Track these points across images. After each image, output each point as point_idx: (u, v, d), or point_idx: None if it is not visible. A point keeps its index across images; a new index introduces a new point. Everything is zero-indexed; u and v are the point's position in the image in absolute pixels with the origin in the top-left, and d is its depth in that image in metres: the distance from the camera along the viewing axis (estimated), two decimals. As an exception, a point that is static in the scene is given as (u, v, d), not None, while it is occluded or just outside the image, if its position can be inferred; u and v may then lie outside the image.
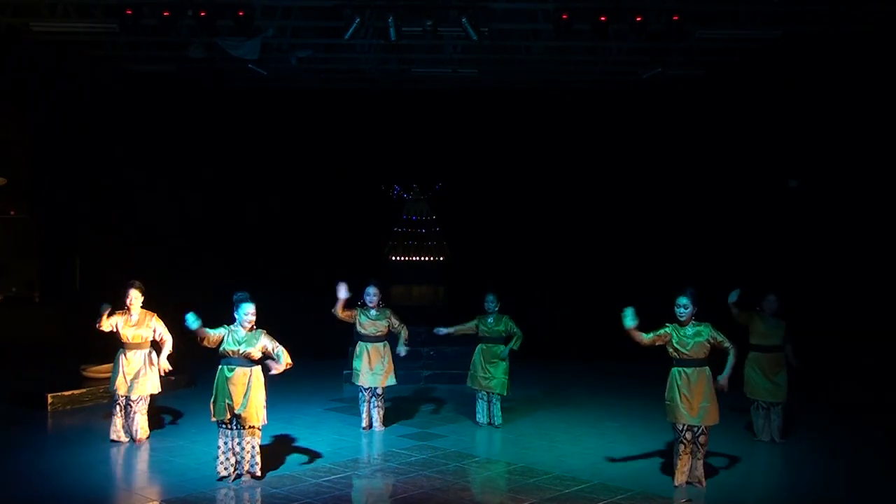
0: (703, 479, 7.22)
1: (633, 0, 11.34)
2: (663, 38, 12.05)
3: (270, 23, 12.31)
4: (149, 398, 8.86)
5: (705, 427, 7.16)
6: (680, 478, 7.19)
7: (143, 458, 8.34)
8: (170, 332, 8.87)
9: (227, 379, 7.28)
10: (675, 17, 11.45)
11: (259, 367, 7.40)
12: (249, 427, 7.32)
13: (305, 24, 12.63)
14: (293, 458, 8.12)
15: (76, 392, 10.64)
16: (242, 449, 7.35)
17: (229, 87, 15.71)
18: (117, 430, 8.77)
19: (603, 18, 11.33)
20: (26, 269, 15.20)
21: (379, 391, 9.40)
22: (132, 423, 8.77)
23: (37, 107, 14.45)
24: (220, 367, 7.36)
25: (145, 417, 8.86)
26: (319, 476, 7.56)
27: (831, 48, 12.74)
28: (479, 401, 9.62)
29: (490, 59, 13.95)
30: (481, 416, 9.61)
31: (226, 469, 7.34)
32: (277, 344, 7.39)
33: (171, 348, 8.83)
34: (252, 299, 7.39)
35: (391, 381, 9.43)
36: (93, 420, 9.84)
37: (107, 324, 8.66)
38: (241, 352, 7.28)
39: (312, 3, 11.93)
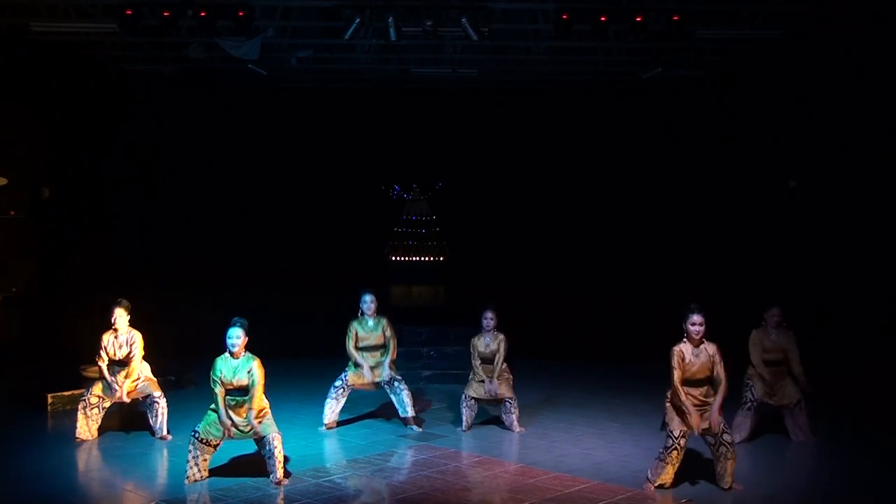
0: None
1: (633, 0, 11.35)
2: (663, 38, 12.06)
3: (270, 23, 12.32)
4: (160, 397, 8.97)
5: (724, 425, 7.13)
6: (658, 480, 7.18)
7: (142, 459, 8.34)
8: (147, 361, 8.98)
9: (230, 407, 7.31)
10: (675, 17, 11.46)
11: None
12: (271, 436, 7.30)
13: (305, 24, 12.63)
14: (293, 458, 8.12)
15: (76, 392, 10.60)
16: (272, 457, 7.27)
17: (229, 87, 15.71)
18: (81, 429, 8.83)
19: (603, 18, 11.34)
20: (26, 269, 15.18)
21: (398, 376, 9.34)
22: (157, 422, 8.89)
23: (37, 107, 14.45)
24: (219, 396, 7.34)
25: (166, 415, 8.97)
26: (319, 476, 7.56)
27: (831, 48, 12.74)
28: (463, 408, 9.45)
29: (490, 59, 13.96)
30: (465, 424, 9.41)
31: (193, 476, 7.33)
32: (260, 376, 7.28)
33: (136, 374, 8.84)
34: (241, 324, 7.34)
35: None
36: (93, 420, 9.83)
37: (105, 360, 8.79)
38: (234, 383, 7.28)
39: (312, 3, 11.94)
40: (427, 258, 20.31)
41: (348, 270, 15.71)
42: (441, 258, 19.74)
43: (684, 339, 7.16)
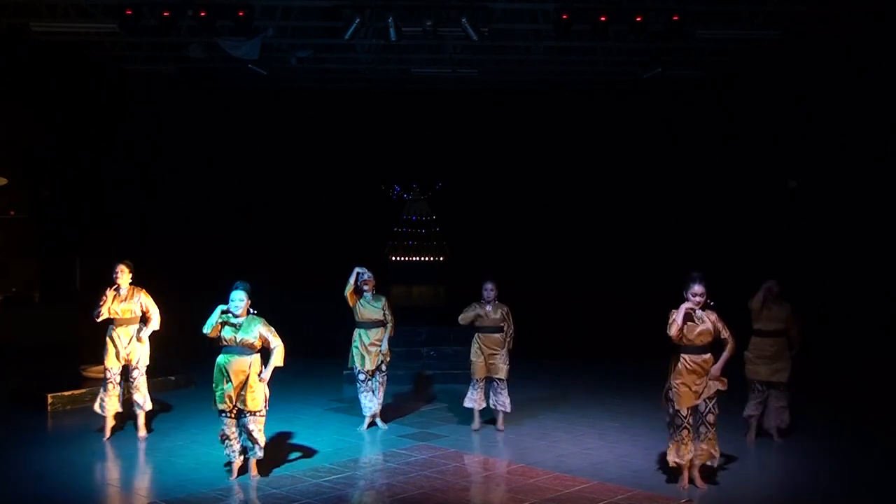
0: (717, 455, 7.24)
1: (633, 0, 11.34)
2: (663, 38, 12.06)
3: (270, 23, 12.31)
4: (145, 370, 9.02)
5: (713, 405, 7.15)
6: (683, 458, 7.20)
7: (142, 458, 8.35)
8: (159, 312, 9.07)
9: (226, 367, 7.31)
10: (675, 17, 11.45)
11: (258, 356, 7.43)
12: (253, 413, 7.35)
13: (305, 24, 12.62)
14: (293, 458, 8.13)
15: (76, 392, 10.64)
16: (249, 433, 7.39)
17: (229, 87, 15.71)
18: (107, 404, 8.85)
19: (603, 18, 11.32)
20: (26, 269, 15.21)
21: (383, 368, 9.39)
22: (137, 396, 8.94)
23: (37, 107, 14.45)
24: (220, 356, 7.40)
25: (146, 387, 9.01)
26: (319, 476, 7.56)
27: (831, 48, 12.74)
28: (474, 389, 9.44)
29: (490, 59, 13.95)
30: (471, 402, 9.43)
31: (232, 452, 7.42)
32: (275, 336, 7.41)
33: (157, 325, 9.01)
34: (244, 287, 7.44)
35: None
36: (93, 420, 9.81)
37: (105, 310, 8.79)
38: (238, 340, 7.30)
39: (312, 3, 11.93)
40: (427, 258, 20.32)
41: (348, 270, 15.64)
42: (441, 258, 19.75)
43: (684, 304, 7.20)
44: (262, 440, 7.46)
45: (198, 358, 9.63)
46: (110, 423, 8.92)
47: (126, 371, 8.98)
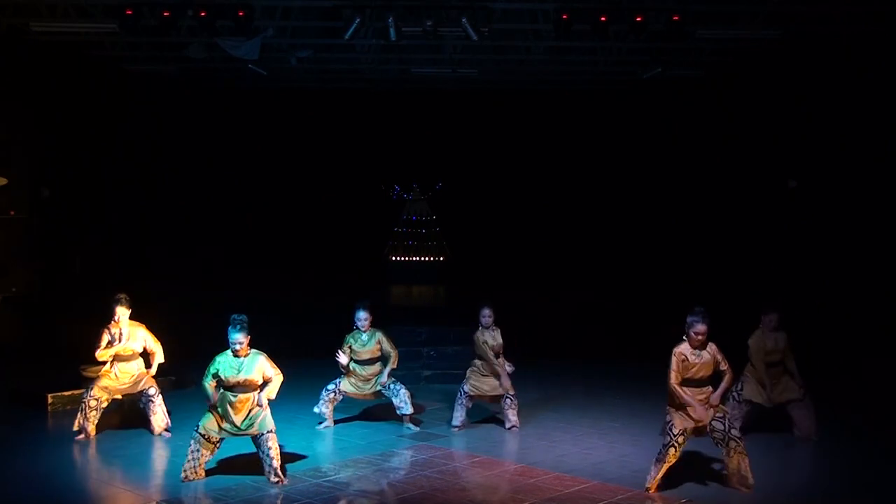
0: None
1: (633, 0, 11.35)
2: (663, 38, 12.07)
3: (270, 23, 12.33)
4: (159, 391, 9.06)
5: (731, 420, 7.17)
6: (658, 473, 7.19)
7: (143, 459, 8.34)
8: (159, 342, 9.07)
9: (230, 403, 7.28)
10: (675, 17, 11.46)
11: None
12: (267, 432, 7.31)
13: (305, 24, 12.64)
14: (293, 459, 8.12)
15: (76, 392, 10.60)
16: (268, 455, 7.29)
17: (229, 87, 15.72)
18: (87, 426, 8.83)
19: (603, 18, 11.34)
20: (26, 269, 15.17)
21: (392, 379, 9.39)
22: (156, 417, 8.97)
23: (37, 107, 14.45)
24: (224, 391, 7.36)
25: (164, 407, 9.05)
26: (319, 476, 7.56)
27: (831, 48, 12.75)
28: (459, 406, 9.48)
29: (490, 59, 13.96)
30: (458, 420, 9.49)
31: (191, 474, 7.33)
32: (278, 372, 7.38)
33: (162, 358, 8.99)
34: (241, 327, 7.28)
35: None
36: (93, 420, 9.83)
37: (106, 354, 8.75)
38: (241, 380, 7.27)
39: (312, 3, 11.94)
40: (427, 258, 20.31)
41: (348, 270, 15.69)
42: (441, 258, 19.74)
43: (684, 339, 7.16)
44: (279, 456, 7.36)
45: (198, 358, 9.62)
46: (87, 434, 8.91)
47: (144, 396, 9.00)
